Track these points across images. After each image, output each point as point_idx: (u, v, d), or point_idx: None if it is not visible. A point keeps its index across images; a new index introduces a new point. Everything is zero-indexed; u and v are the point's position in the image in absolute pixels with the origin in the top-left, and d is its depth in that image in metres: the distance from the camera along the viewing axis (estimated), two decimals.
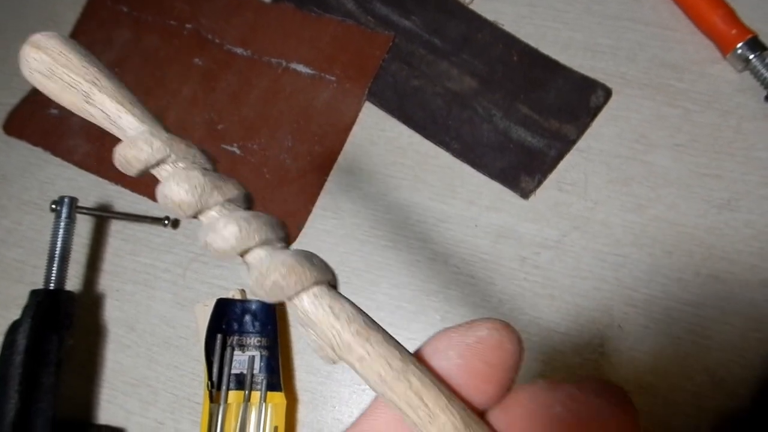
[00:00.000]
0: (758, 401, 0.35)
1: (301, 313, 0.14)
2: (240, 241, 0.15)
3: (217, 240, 0.15)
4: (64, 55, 0.15)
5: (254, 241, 0.15)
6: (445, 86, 0.45)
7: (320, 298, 0.14)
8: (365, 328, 0.14)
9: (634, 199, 0.40)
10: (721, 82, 0.42)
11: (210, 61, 0.49)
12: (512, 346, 0.14)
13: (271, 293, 0.14)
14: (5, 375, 0.34)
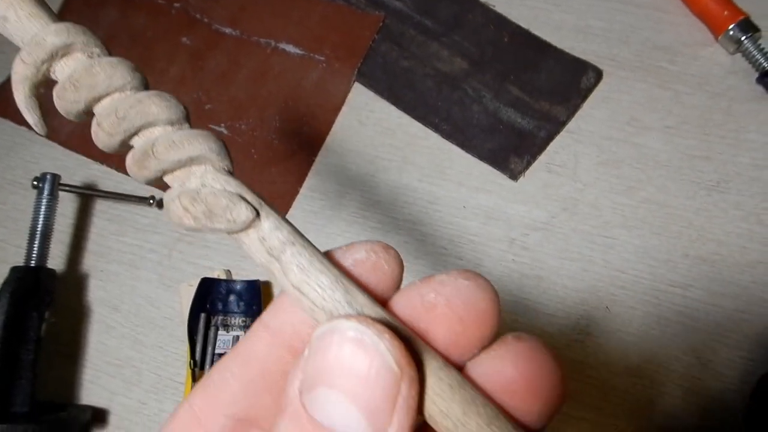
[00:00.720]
0: (757, 395, 0.35)
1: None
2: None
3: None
4: None
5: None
6: (435, 67, 0.45)
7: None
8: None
9: (623, 181, 0.40)
10: (713, 65, 0.41)
11: (198, 40, 0.49)
12: (390, 267, 0.14)
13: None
14: None
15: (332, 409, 0.11)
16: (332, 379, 0.12)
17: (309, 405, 0.12)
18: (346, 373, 0.12)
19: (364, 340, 0.12)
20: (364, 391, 0.11)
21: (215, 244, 0.43)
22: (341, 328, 0.12)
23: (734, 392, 0.35)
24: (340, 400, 0.11)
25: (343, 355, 0.12)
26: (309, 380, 0.12)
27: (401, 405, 0.12)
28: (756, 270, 0.37)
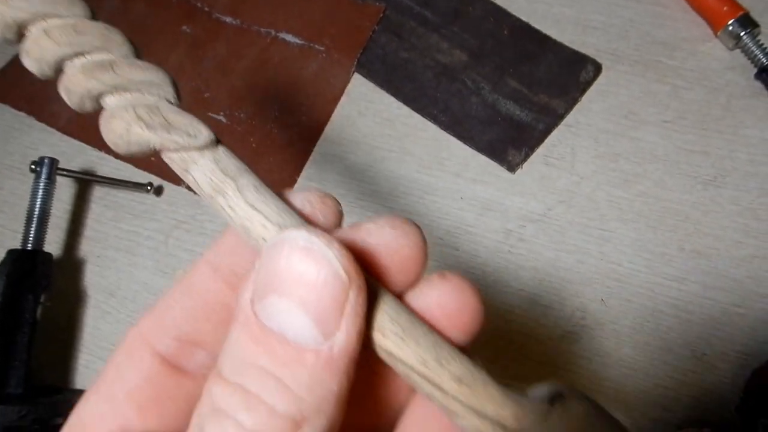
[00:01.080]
0: (751, 389, 0.35)
1: None
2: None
3: None
4: None
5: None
6: (434, 59, 0.45)
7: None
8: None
9: (620, 175, 0.40)
10: (712, 60, 0.42)
11: (198, 29, 0.49)
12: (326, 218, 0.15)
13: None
14: None
15: (282, 315, 0.12)
16: (282, 287, 0.12)
17: (260, 313, 0.12)
18: (295, 281, 0.12)
19: (313, 248, 0.12)
20: (313, 297, 0.12)
21: (212, 231, 0.43)
22: (291, 237, 0.12)
23: (728, 385, 0.35)
24: (289, 306, 0.12)
25: (292, 263, 0.12)
26: (260, 289, 0.12)
27: (349, 312, 0.12)
28: (751, 264, 0.37)
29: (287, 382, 0.12)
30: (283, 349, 0.12)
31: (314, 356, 0.12)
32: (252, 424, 0.11)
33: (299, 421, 0.12)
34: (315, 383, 0.12)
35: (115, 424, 0.15)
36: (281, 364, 0.12)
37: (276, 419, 0.12)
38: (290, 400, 0.12)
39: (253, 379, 0.12)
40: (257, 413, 0.12)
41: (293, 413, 0.12)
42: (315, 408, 0.12)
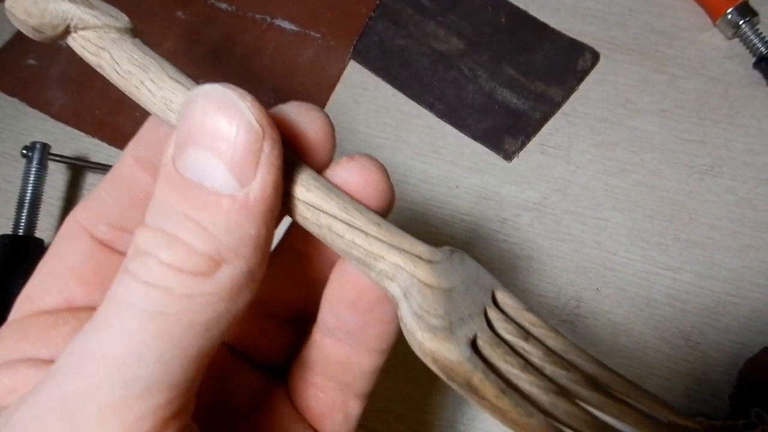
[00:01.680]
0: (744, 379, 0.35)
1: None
2: None
3: None
4: None
5: None
6: (431, 46, 0.44)
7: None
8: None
9: (617, 164, 0.40)
10: (710, 49, 0.41)
11: (193, 15, 0.48)
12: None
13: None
14: None
15: (200, 166, 0.12)
16: (199, 139, 0.13)
17: (179, 166, 0.13)
18: (210, 133, 0.12)
19: (227, 100, 0.13)
20: (228, 147, 0.12)
21: None
22: (206, 90, 0.13)
23: (721, 375, 0.35)
24: (206, 157, 0.12)
25: (208, 115, 0.13)
26: (179, 145, 0.13)
27: (264, 162, 0.13)
28: (747, 254, 0.37)
29: (205, 225, 0.12)
30: (202, 195, 0.12)
31: (231, 201, 0.12)
32: (172, 260, 0.12)
33: (218, 260, 0.12)
34: (232, 226, 0.12)
35: (61, 298, 0.16)
36: (199, 208, 0.12)
37: (195, 256, 0.12)
38: (208, 240, 0.12)
39: (173, 223, 0.12)
40: (177, 251, 0.12)
41: (211, 252, 0.12)
42: (233, 250, 0.12)
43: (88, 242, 0.17)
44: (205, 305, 0.12)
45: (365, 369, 0.17)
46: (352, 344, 0.16)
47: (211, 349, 0.13)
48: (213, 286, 0.12)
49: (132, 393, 0.11)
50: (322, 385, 0.17)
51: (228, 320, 0.13)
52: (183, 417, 0.13)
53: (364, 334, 0.16)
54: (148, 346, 0.12)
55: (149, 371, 0.12)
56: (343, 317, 0.16)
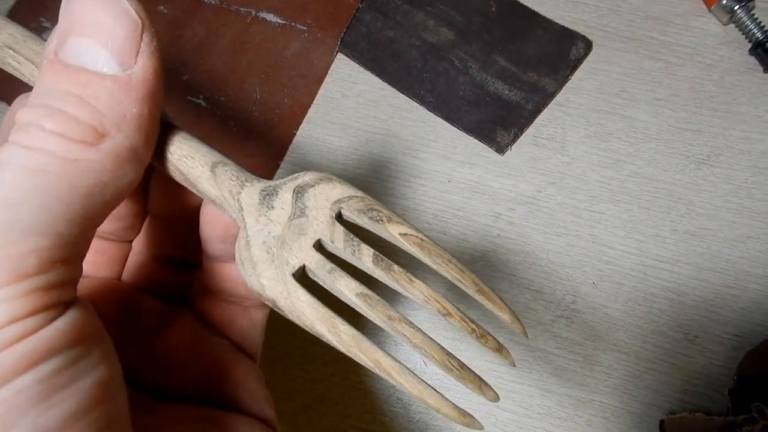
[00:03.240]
0: (744, 372, 0.34)
1: None
2: None
3: None
4: None
5: None
6: (420, 37, 0.43)
7: None
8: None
9: (612, 155, 0.39)
10: (705, 35, 0.40)
11: (176, 9, 0.47)
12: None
13: None
14: None
15: (82, 52, 0.13)
16: (80, 28, 0.13)
17: (61, 54, 0.13)
18: (92, 22, 0.13)
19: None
20: (109, 33, 0.13)
21: None
22: None
23: (721, 368, 0.35)
24: (88, 43, 0.13)
25: (87, 6, 0.13)
26: (60, 36, 0.13)
27: (144, 50, 0.14)
28: (745, 245, 0.37)
29: (88, 99, 0.13)
30: (84, 75, 0.13)
31: (112, 80, 0.13)
32: (55, 127, 0.13)
33: (101, 132, 0.13)
34: (114, 102, 0.13)
35: None
36: (82, 86, 0.13)
37: (78, 126, 0.13)
38: (91, 112, 0.13)
39: (55, 98, 0.13)
40: (60, 119, 0.13)
41: (94, 124, 0.13)
42: (116, 124, 0.13)
43: None
44: (88, 171, 0.13)
45: None
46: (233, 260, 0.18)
47: (97, 215, 0.14)
48: (96, 154, 0.13)
49: (15, 231, 0.12)
50: (222, 299, 0.19)
51: (113, 192, 0.14)
52: (70, 268, 0.13)
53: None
54: (30, 194, 0.12)
55: (31, 216, 0.12)
56: (218, 248, 0.18)
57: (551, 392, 0.36)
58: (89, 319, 0.14)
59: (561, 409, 0.36)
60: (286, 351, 0.37)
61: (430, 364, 0.15)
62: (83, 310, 0.13)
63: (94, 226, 0.14)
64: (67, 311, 0.13)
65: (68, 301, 0.13)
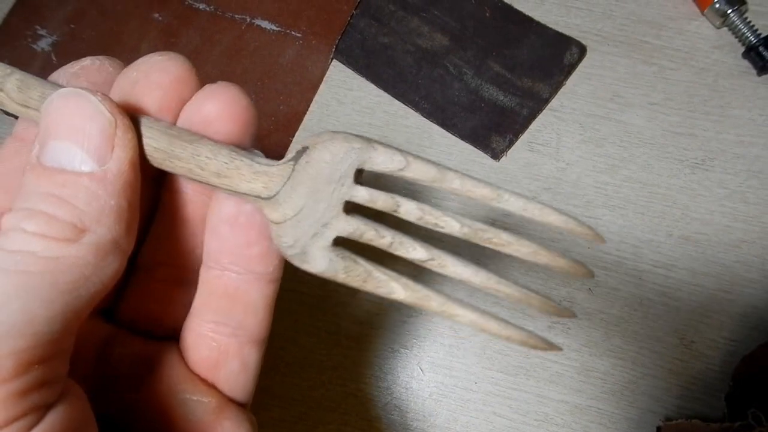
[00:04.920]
0: (740, 376, 0.34)
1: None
2: None
3: None
4: None
5: None
6: (415, 43, 0.43)
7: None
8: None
9: (606, 160, 0.39)
10: (698, 39, 0.40)
11: (170, 16, 0.47)
12: (113, 68, 0.17)
13: None
14: None
15: (59, 153, 0.14)
16: (58, 132, 0.14)
17: (42, 158, 0.14)
18: (68, 125, 0.14)
19: (80, 96, 0.14)
20: (84, 134, 0.14)
21: None
22: (59, 92, 0.14)
23: (717, 373, 0.35)
24: (65, 145, 0.14)
25: (63, 110, 0.14)
26: (41, 140, 0.14)
27: (119, 144, 0.14)
28: (740, 249, 0.37)
29: (66, 198, 0.14)
30: (62, 175, 0.14)
31: (89, 177, 0.14)
32: (35, 229, 0.13)
33: (81, 228, 0.14)
34: (92, 197, 0.14)
35: None
36: (61, 186, 0.14)
37: (57, 224, 0.13)
38: (70, 210, 0.14)
39: (36, 201, 0.14)
40: (39, 220, 0.13)
41: (74, 220, 0.14)
42: (95, 218, 0.14)
43: None
44: (70, 267, 0.13)
45: (254, 300, 0.17)
46: (237, 270, 0.17)
47: (81, 309, 0.14)
48: (78, 250, 0.13)
49: (13, 338, 0.12)
50: (213, 331, 0.17)
51: (97, 284, 0.14)
52: (52, 366, 0.13)
53: (248, 254, 0.17)
54: (9, 297, 0.12)
55: (10, 318, 0.12)
56: (225, 236, 0.17)
57: (548, 399, 0.36)
58: (74, 416, 0.13)
59: (558, 415, 0.36)
60: (283, 359, 0.37)
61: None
62: (68, 407, 0.13)
63: (78, 320, 0.14)
64: (49, 413, 0.13)
65: (51, 402, 0.13)
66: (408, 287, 0.16)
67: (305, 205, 0.16)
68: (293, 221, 0.16)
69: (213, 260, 0.17)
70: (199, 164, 0.16)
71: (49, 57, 0.47)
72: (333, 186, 0.16)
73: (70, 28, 0.48)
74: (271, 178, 0.16)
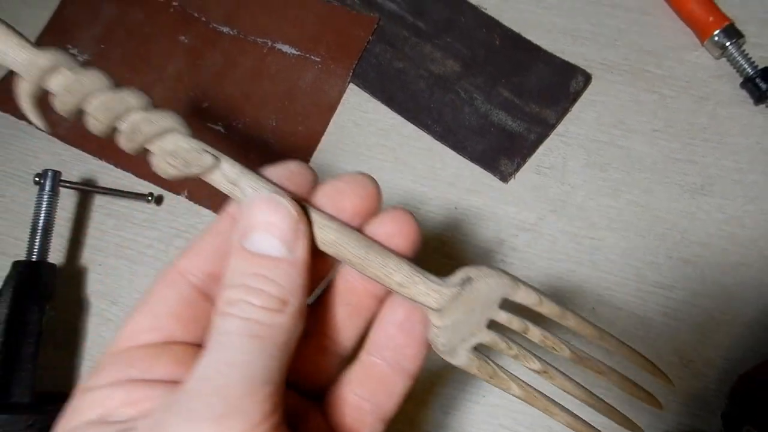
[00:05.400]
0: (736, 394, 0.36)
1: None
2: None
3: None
4: None
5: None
6: (428, 69, 0.45)
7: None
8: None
9: (610, 184, 0.41)
10: (699, 69, 0.42)
11: (195, 38, 0.49)
12: (311, 175, 0.21)
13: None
14: None
15: (261, 242, 0.19)
16: (258, 225, 0.19)
17: (246, 245, 0.19)
18: (265, 220, 0.19)
19: (273, 199, 0.19)
20: (277, 228, 0.19)
21: None
22: (261, 196, 0.19)
23: (714, 391, 0.37)
24: (264, 236, 0.19)
25: (263, 209, 0.19)
26: (242, 230, 0.19)
27: (301, 236, 0.19)
28: (737, 271, 0.38)
29: (272, 278, 0.18)
30: (265, 260, 0.18)
31: (286, 263, 0.19)
32: (259, 302, 0.18)
33: (285, 301, 0.18)
34: (289, 278, 0.18)
35: (161, 335, 0.20)
36: (266, 268, 0.18)
37: (270, 299, 0.18)
38: (276, 288, 0.18)
39: (249, 279, 0.18)
40: (260, 296, 0.18)
41: (280, 295, 0.18)
42: (292, 293, 0.18)
43: (185, 287, 0.21)
44: (282, 331, 0.18)
45: (397, 390, 0.22)
46: (391, 364, 0.21)
47: (287, 361, 0.18)
48: (285, 318, 0.18)
49: (254, 383, 0.17)
50: (358, 404, 0.22)
51: (294, 342, 0.19)
52: (282, 405, 0.18)
53: (404, 352, 0.21)
54: (254, 355, 0.17)
55: (259, 371, 0.17)
56: (391, 335, 0.21)
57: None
58: None
59: (562, 429, 0.37)
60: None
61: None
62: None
63: (287, 370, 0.18)
64: None
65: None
66: (522, 387, 0.22)
67: (461, 319, 0.21)
68: (450, 328, 0.21)
69: (375, 349, 0.22)
70: (387, 273, 0.20)
71: None
72: (483, 308, 0.21)
73: (100, 48, 0.50)
74: (441, 295, 0.20)
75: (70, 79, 0.19)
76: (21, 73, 0.19)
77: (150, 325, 0.20)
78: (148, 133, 0.20)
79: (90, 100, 0.19)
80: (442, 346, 0.21)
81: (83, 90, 0.19)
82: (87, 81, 0.19)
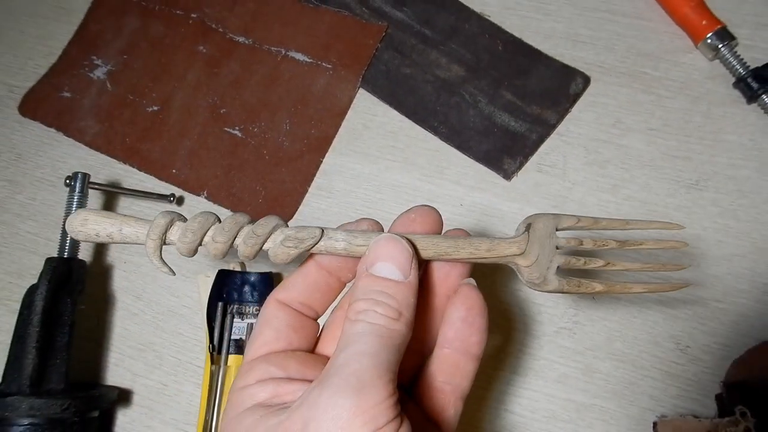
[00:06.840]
0: (731, 379, 0.37)
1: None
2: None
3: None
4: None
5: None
6: (434, 74, 0.48)
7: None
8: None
9: (609, 180, 0.43)
10: (693, 70, 0.44)
11: (213, 48, 0.52)
12: (438, 216, 0.27)
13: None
14: (24, 334, 0.37)
15: (384, 269, 0.24)
16: (383, 257, 0.24)
17: (372, 270, 0.24)
18: (388, 253, 0.24)
19: (393, 238, 0.25)
20: (397, 260, 0.24)
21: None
22: (383, 236, 0.25)
23: (710, 375, 0.38)
24: (387, 264, 0.24)
25: (386, 245, 0.25)
26: (370, 260, 0.25)
27: (414, 266, 0.25)
28: (731, 262, 0.40)
29: (393, 295, 0.24)
30: (387, 282, 0.24)
31: (403, 285, 0.24)
32: (382, 311, 0.23)
33: (400, 312, 0.24)
34: (404, 296, 0.24)
35: (284, 344, 0.26)
36: (388, 287, 0.24)
37: (391, 310, 0.23)
38: (395, 302, 0.24)
39: (376, 295, 0.24)
40: (383, 307, 0.23)
41: (397, 308, 0.24)
42: (406, 307, 0.24)
43: (289, 310, 0.27)
44: (398, 335, 0.23)
45: (469, 371, 0.27)
46: (461, 351, 0.27)
47: (400, 359, 0.23)
48: (400, 326, 0.23)
49: (382, 368, 0.22)
50: (441, 387, 0.27)
51: (405, 345, 0.24)
52: (397, 391, 0.22)
53: (470, 341, 0.26)
54: (380, 349, 0.22)
55: (385, 360, 0.22)
56: (459, 328, 0.26)
57: (555, 397, 0.39)
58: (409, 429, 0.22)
59: (564, 412, 0.39)
60: None
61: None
62: (406, 422, 0.22)
63: (399, 366, 0.23)
64: (404, 422, 0.22)
65: (401, 415, 0.22)
66: (601, 284, 0.27)
67: (539, 253, 0.26)
68: (536, 264, 0.26)
69: (446, 343, 0.27)
70: (476, 247, 0.26)
71: (104, 84, 0.53)
72: (548, 240, 0.26)
73: (123, 59, 0.53)
74: (518, 244, 0.26)
75: (182, 227, 0.24)
76: (148, 234, 0.24)
77: (274, 336, 0.26)
78: (263, 234, 0.25)
79: (205, 235, 0.25)
80: (537, 279, 0.26)
81: (198, 229, 0.24)
82: (198, 223, 0.24)
